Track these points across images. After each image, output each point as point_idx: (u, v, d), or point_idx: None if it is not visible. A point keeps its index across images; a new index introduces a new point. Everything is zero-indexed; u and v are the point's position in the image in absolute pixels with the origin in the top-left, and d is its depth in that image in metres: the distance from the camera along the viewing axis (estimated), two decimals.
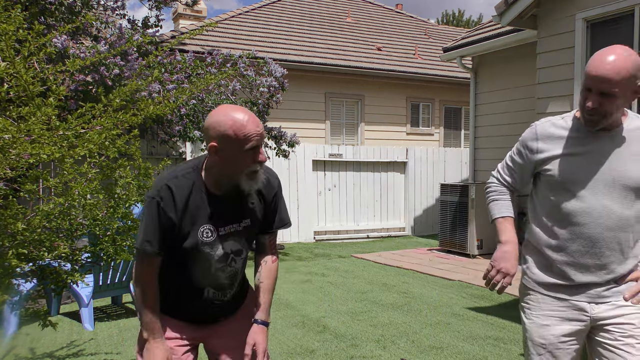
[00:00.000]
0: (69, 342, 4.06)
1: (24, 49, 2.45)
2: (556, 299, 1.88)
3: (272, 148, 7.57)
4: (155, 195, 1.70)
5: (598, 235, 1.79)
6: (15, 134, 2.12)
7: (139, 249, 1.73)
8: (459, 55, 8.73)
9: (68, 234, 2.66)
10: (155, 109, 2.73)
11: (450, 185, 7.83)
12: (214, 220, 1.75)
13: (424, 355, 3.73)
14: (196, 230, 1.73)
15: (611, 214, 1.77)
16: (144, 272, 1.75)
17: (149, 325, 1.75)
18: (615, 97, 1.67)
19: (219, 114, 1.66)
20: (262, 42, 10.62)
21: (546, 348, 1.88)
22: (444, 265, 6.94)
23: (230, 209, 1.79)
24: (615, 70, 1.65)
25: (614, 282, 1.83)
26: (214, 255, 1.77)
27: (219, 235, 1.77)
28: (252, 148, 1.66)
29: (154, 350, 1.75)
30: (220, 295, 1.87)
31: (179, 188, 1.71)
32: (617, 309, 1.80)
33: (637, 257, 1.84)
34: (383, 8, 16.01)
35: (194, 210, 1.73)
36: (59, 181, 2.63)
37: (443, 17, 31.73)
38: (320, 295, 5.39)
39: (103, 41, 6.17)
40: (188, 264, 1.79)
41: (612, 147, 1.78)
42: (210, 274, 1.81)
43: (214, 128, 1.64)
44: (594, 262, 1.81)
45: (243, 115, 1.64)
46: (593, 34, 5.84)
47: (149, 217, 1.71)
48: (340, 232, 9.61)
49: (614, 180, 1.77)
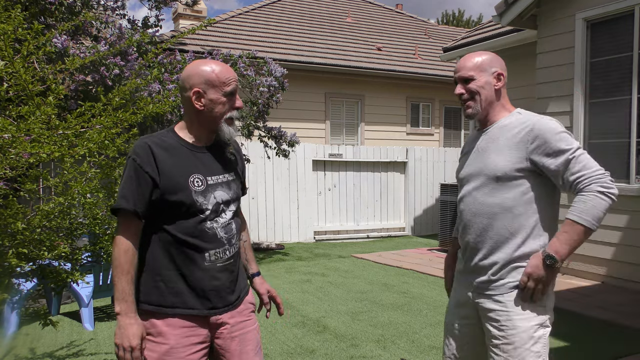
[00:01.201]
0: (69, 342, 4.06)
1: (23, 48, 2.45)
2: (457, 283, 2.12)
3: (272, 148, 7.57)
4: (131, 154, 1.72)
5: (468, 221, 1.99)
6: (14, 134, 2.12)
7: (115, 208, 1.70)
8: (459, 56, 8.72)
9: (68, 233, 2.66)
10: (155, 107, 2.73)
11: (450, 185, 7.83)
12: (201, 170, 1.78)
13: (424, 355, 3.73)
14: (187, 180, 1.73)
15: (476, 202, 1.96)
16: (120, 237, 1.69)
17: (123, 294, 1.66)
18: (472, 80, 1.94)
19: (199, 64, 1.78)
20: (262, 42, 10.62)
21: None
22: (443, 265, 6.93)
23: (214, 161, 1.84)
24: (469, 60, 1.96)
25: (492, 272, 1.92)
26: (207, 205, 1.76)
27: (209, 184, 1.78)
28: (231, 93, 1.78)
29: (127, 327, 1.66)
30: (221, 253, 1.79)
31: (157, 145, 1.74)
32: (494, 303, 1.91)
33: (513, 248, 1.90)
34: (383, 8, 16.01)
35: (182, 162, 1.75)
36: (59, 180, 2.63)
37: (443, 17, 31.74)
38: (320, 295, 5.38)
39: (103, 41, 6.17)
40: (183, 226, 1.73)
41: (485, 143, 1.99)
42: (206, 229, 1.76)
43: (196, 74, 1.75)
44: (469, 246, 2.00)
45: (219, 64, 1.80)
46: (593, 34, 5.84)
47: (126, 177, 1.71)
48: (340, 232, 9.60)
49: (480, 171, 1.96)
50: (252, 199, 8.80)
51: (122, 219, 1.71)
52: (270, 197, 8.98)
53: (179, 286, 1.74)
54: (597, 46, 5.81)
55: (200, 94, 1.75)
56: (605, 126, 5.75)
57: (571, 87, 5.96)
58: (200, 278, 1.75)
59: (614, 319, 4.42)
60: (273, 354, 3.73)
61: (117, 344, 1.67)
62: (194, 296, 1.75)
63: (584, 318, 4.47)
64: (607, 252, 5.66)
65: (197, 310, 1.76)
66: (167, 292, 1.74)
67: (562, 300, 4.99)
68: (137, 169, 1.69)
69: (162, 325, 1.73)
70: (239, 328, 1.87)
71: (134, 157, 1.70)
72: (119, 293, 1.67)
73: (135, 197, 1.68)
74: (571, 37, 5.97)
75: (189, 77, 1.76)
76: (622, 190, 5.51)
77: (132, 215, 1.70)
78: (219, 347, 1.84)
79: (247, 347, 1.89)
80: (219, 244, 1.78)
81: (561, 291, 5.39)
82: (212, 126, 1.79)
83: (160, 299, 1.74)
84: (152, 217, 1.74)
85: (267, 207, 8.96)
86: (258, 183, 8.85)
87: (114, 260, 1.69)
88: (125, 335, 1.65)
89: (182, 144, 1.78)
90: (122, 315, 1.67)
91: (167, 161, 1.72)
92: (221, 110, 1.78)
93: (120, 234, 1.70)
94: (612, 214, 5.60)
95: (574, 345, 3.87)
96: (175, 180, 1.71)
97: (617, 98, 5.63)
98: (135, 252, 1.71)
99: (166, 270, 1.74)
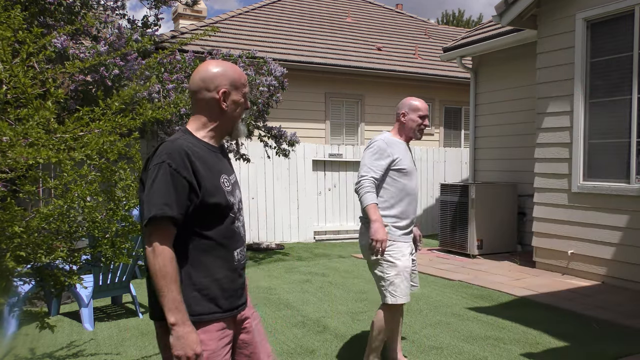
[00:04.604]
0: (69, 342, 4.06)
1: (22, 51, 2.45)
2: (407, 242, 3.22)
3: (272, 147, 7.57)
4: (165, 158, 1.64)
5: (415, 199, 3.29)
6: (12, 137, 2.12)
7: (156, 216, 1.59)
8: (459, 55, 8.72)
9: (67, 236, 2.66)
10: (155, 113, 2.73)
11: (450, 185, 7.82)
12: (224, 171, 1.81)
13: (424, 355, 3.73)
14: (219, 182, 1.74)
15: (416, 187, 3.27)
16: (163, 246, 1.61)
17: (175, 303, 1.59)
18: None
19: (217, 65, 1.79)
20: (262, 42, 10.61)
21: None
22: (444, 265, 6.94)
23: (225, 162, 1.87)
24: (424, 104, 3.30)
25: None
26: (235, 204, 1.80)
27: (232, 183, 1.83)
28: (246, 94, 1.85)
29: (187, 336, 1.59)
30: (243, 251, 1.86)
31: (189, 148, 1.70)
32: None
33: None
34: (383, 8, 15.99)
35: (210, 164, 1.74)
36: (59, 183, 2.62)
37: (443, 17, 31.70)
38: (320, 295, 5.39)
39: (103, 41, 6.16)
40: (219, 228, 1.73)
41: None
42: (234, 228, 1.79)
43: (221, 75, 1.77)
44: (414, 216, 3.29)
45: (234, 65, 1.84)
46: (593, 34, 5.84)
47: (161, 182, 1.62)
48: (340, 232, 9.60)
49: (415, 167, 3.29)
50: (252, 199, 8.80)
51: (160, 228, 1.62)
52: (270, 197, 8.98)
53: (213, 292, 1.73)
54: (597, 46, 5.81)
55: (227, 94, 1.78)
56: (605, 126, 5.75)
57: (571, 87, 5.96)
58: (232, 279, 1.79)
59: (614, 319, 4.42)
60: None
61: (180, 355, 1.60)
62: (226, 298, 1.76)
63: (584, 318, 4.47)
64: (607, 252, 5.66)
65: (231, 312, 1.78)
66: (203, 300, 1.71)
67: (562, 300, 4.99)
68: (174, 174, 1.63)
69: (200, 333, 1.69)
70: (254, 319, 1.95)
71: (169, 161, 1.63)
72: (171, 303, 1.59)
73: (176, 204, 1.62)
74: (571, 37, 5.96)
75: (214, 77, 1.76)
76: (622, 190, 5.51)
77: (171, 224, 1.63)
78: (242, 341, 1.88)
79: (261, 336, 1.97)
80: (242, 243, 1.85)
81: (561, 291, 5.39)
82: (231, 126, 1.84)
83: (198, 308, 1.70)
84: (185, 224, 1.68)
85: (267, 207, 8.96)
86: (258, 183, 8.85)
87: (160, 270, 1.59)
88: (188, 345, 1.60)
89: (204, 145, 1.78)
90: (179, 324, 1.59)
91: (200, 164, 1.70)
92: (240, 111, 1.84)
93: (160, 242, 1.61)
94: (612, 214, 5.60)
95: (574, 345, 3.86)
96: (211, 183, 1.71)
97: (617, 98, 5.62)
98: (176, 261, 1.64)
99: (200, 279, 1.71)
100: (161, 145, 1.70)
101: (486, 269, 6.58)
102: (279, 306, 4.98)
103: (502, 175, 8.31)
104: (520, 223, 7.88)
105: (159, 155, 1.66)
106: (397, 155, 3.13)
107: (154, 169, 1.65)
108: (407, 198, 3.17)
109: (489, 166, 8.63)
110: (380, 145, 3.14)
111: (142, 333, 4.26)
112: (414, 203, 3.23)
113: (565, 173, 6.08)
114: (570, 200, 6.04)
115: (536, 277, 6.08)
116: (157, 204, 1.61)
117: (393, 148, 3.15)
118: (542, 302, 4.96)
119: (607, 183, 5.66)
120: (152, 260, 1.61)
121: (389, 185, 3.14)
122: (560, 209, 6.16)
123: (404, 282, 3.11)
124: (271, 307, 4.93)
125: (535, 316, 4.52)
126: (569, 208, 6.05)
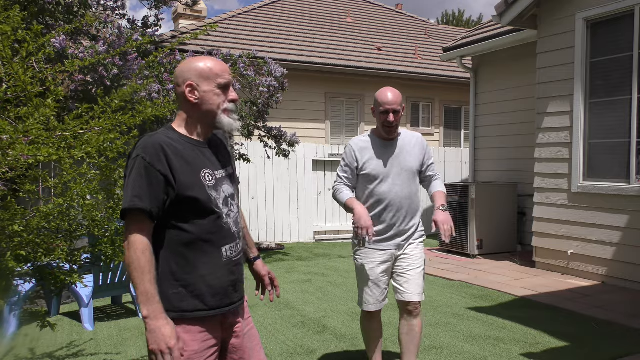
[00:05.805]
0: (69, 342, 4.06)
1: (22, 50, 2.45)
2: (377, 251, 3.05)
3: (272, 148, 7.57)
4: (139, 152, 1.66)
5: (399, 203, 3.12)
6: (12, 135, 2.11)
7: (127, 209, 1.61)
8: (459, 55, 8.72)
9: (67, 234, 2.66)
10: (154, 111, 2.73)
11: (450, 185, 7.82)
12: (209, 165, 1.78)
13: (424, 355, 3.73)
14: (198, 176, 1.72)
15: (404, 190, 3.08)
16: (136, 236, 1.60)
17: (147, 296, 1.56)
18: (399, 113, 2.90)
19: (191, 61, 1.80)
20: (262, 42, 10.61)
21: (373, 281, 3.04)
22: (444, 265, 6.94)
23: (215, 156, 1.84)
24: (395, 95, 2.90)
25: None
26: (220, 200, 1.76)
27: (217, 178, 1.79)
28: (225, 85, 1.78)
29: (160, 329, 1.56)
30: (235, 247, 1.81)
31: (165, 142, 1.69)
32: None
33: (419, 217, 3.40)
34: (383, 8, 16.00)
35: (189, 159, 1.72)
36: (59, 181, 2.62)
37: (443, 17, 31.71)
38: (320, 295, 5.38)
39: (102, 41, 6.16)
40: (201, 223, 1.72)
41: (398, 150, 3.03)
42: (221, 224, 1.75)
43: (188, 69, 1.77)
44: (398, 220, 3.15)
45: (212, 59, 1.81)
46: (593, 34, 5.84)
47: (135, 176, 1.63)
48: (340, 232, 9.60)
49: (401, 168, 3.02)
50: (252, 199, 8.80)
51: (134, 220, 1.62)
52: (270, 197, 8.98)
53: (199, 288, 1.71)
54: (597, 46, 5.80)
55: (193, 87, 1.75)
56: (605, 126, 5.75)
57: (571, 87, 5.96)
58: (219, 276, 1.75)
59: (614, 319, 4.42)
60: (273, 354, 3.73)
61: (154, 350, 1.56)
62: (213, 295, 1.73)
63: (584, 318, 4.47)
64: (607, 252, 5.65)
65: (217, 310, 1.75)
66: (188, 296, 1.70)
67: (562, 300, 4.99)
68: (148, 168, 1.63)
69: (182, 332, 1.67)
70: (247, 324, 1.91)
71: (143, 155, 1.64)
72: (143, 296, 1.56)
73: (148, 197, 1.62)
74: (571, 37, 5.96)
75: (181, 72, 1.78)
76: (622, 190, 5.51)
77: (145, 216, 1.62)
78: (233, 346, 1.84)
79: (253, 342, 1.92)
80: (232, 239, 1.80)
81: (561, 291, 5.38)
82: (210, 119, 1.79)
83: (181, 305, 1.69)
84: (165, 219, 1.68)
85: (267, 207, 8.96)
86: (258, 183, 8.85)
87: (132, 262, 1.58)
88: (161, 338, 1.56)
89: (185, 140, 1.76)
90: (151, 318, 1.57)
91: (177, 158, 1.69)
92: (216, 102, 1.77)
93: (134, 233, 1.61)
94: (612, 213, 5.60)
95: (574, 345, 3.86)
96: (188, 176, 1.69)
97: (617, 98, 5.62)
98: (152, 253, 1.63)
99: (183, 275, 1.69)
100: (139, 140, 1.72)
101: (486, 269, 6.58)
102: (279, 306, 4.97)
103: (502, 175, 8.31)
104: (520, 223, 7.88)
105: (135, 149, 1.69)
106: (364, 160, 2.97)
107: (130, 164, 1.68)
108: (381, 203, 2.97)
109: (489, 166, 8.63)
110: (346, 151, 3.05)
111: (142, 333, 4.25)
112: (394, 207, 3.00)
113: (565, 173, 6.08)
114: (570, 200, 6.04)
115: (536, 277, 6.08)
116: (128, 196, 1.62)
117: (362, 152, 2.98)
118: (542, 302, 4.96)
119: (607, 183, 5.66)
120: (126, 252, 1.61)
121: (359, 190, 3.04)
122: (560, 209, 6.16)
123: (368, 290, 3.01)
124: (271, 307, 4.93)
125: (535, 316, 4.52)
126: (569, 208, 6.05)
